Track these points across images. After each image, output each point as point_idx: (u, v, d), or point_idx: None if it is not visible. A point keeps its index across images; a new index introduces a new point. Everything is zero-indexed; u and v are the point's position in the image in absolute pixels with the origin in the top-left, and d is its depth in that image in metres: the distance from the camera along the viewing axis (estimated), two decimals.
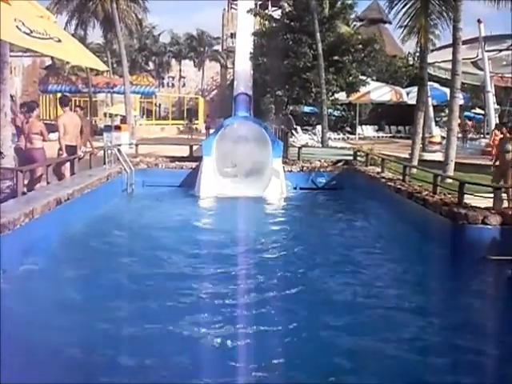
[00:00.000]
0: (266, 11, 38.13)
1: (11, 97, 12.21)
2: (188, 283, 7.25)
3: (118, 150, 14.49)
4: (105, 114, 40.07)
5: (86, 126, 13.89)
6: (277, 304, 6.65)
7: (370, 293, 7.21)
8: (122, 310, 6.26)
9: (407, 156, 19.41)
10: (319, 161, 16.57)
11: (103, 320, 5.87)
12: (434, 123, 31.87)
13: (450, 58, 17.32)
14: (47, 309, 6.09)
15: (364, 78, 29.46)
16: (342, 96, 30.16)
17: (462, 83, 24.52)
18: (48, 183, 11.30)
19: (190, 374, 4.92)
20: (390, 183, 12.42)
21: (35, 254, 7.77)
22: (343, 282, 7.59)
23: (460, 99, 19.82)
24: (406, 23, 19.87)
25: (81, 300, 6.49)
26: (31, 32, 7.30)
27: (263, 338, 5.69)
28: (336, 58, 26.86)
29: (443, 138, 23.91)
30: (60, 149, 12.33)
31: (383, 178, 13.33)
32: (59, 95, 27.88)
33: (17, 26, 7.16)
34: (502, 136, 13.28)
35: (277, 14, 34.98)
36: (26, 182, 10.15)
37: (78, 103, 29.92)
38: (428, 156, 22.06)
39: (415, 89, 24.12)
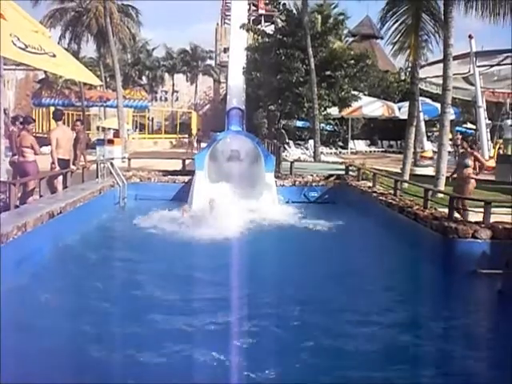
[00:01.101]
0: (259, 26, 38.37)
1: (4, 110, 12.23)
2: (180, 297, 7.30)
3: (111, 164, 14.53)
4: (98, 128, 40.17)
5: (83, 140, 13.94)
6: (274, 320, 6.66)
7: (360, 305, 7.27)
8: (112, 320, 6.28)
9: (399, 171, 19.52)
10: (311, 175, 16.65)
11: (93, 331, 5.90)
12: (425, 138, 32.06)
13: (441, 73, 17.47)
14: (38, 320, 6.11)
15: (356, 92, 29.58)
16: (334, 111, 30.26)
17: (454, 98, 24.73)
18: (41, 196, 11.32)
19: None
20: (381, 198, 12.50)
21: (28, 266, 7.78)
22: (334, 296, 7.62)
23: (451, 114, 20.00)
24: (396, 39, 20.02)
25: (71, 311, 6.50)
26: (26, 47, 7.36)
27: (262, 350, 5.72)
28: (328, 73, 27.01)
29: (435, 152, 24.03)
30: (53, 162, 12.35)
31: (375, 192, 13.41)
32: (52, 109, 27.95)
33: (12, 41, 7.22)
34: (462, 150, 13.02)
35: (270, 29, 35.24)
36: (18, 195, 10.18)
37: (76, 117, 29.87)
38: (419, 170, 22.15)
39: (407, 104, 24.25)
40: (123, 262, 9.11)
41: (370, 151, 41.46)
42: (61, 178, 12.36)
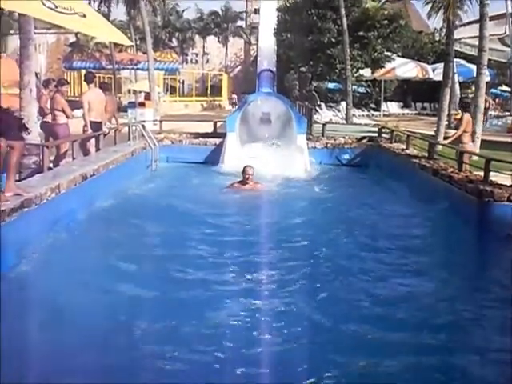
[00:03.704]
0: None
1: (36, 74, 12.27)
2: (212, 260, 7.31)
3: (143, 126, 14.54)
4: (129, 91, 40.28)
5: (110, 102, 13.93)
6: (301, 283, 6.65)
7: (395, 267, 7.23)
8: (146, 285, 6.30)
9: (433, 133, 19.21)
10: (343, 137, 16.48)
11: (126, 296, 5.95)
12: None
13: (477, 34, 17.03)
14: (70, 284, 6.15)
15: (389, 54, 29.12)
16: (366, 72, 29.88)
17: (488, 60, 24.12)
18: (74, 159, 11.39)
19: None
20: (415, 160, 12.32)
21: (61, 228, 7.86)
22: (367, 259, 7.59)
23: (486, 76, 19.53)
24: None
25: (105, 275, 6.52)
26: (56, 7, 7.30)
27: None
28: (361, 33, 26.59)
29: None
30: (85, 125, 12.42)
31: (408, 154, 13.24)
32: (84, 72, 28.06)
33: (42, 2, 7.18)
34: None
35: None
36: (51, 157, 10.26)
37: (102, 80, 29.93)
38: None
39: (441, 65, 23.77)
40: (155, 222, 9.16)
41: (403, 113, 40.84)
42: (93, 140, 12.42)
